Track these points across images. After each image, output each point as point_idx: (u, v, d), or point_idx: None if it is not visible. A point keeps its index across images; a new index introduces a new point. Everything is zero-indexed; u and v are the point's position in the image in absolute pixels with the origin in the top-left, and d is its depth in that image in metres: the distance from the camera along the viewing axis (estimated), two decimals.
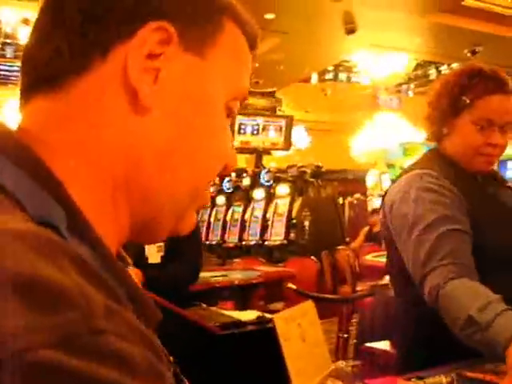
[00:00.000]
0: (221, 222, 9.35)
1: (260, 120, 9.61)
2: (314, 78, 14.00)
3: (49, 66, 0.48)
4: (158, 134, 0.49)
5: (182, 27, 0.49)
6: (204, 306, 2.97)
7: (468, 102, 1.57)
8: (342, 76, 14.65)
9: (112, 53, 0.47)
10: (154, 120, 0.48)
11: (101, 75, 0.47)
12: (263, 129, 9.66)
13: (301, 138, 10.23)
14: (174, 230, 0.55)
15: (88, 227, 0.43)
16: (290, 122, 9.94)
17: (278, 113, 9.90)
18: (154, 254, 2.93)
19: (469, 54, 9.05)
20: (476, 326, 1.31)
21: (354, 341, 4.23)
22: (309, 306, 1.19)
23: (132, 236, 0.52)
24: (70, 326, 0.32)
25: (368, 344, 1.19)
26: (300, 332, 1.12)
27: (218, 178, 0.62)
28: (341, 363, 1.31)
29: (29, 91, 0.49)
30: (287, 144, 9.90)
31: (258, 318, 2.98)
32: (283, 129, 9.77)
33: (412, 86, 15.23)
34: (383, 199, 1.70)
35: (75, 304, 0.33)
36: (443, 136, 1.67)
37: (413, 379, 1.24)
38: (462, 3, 8.02)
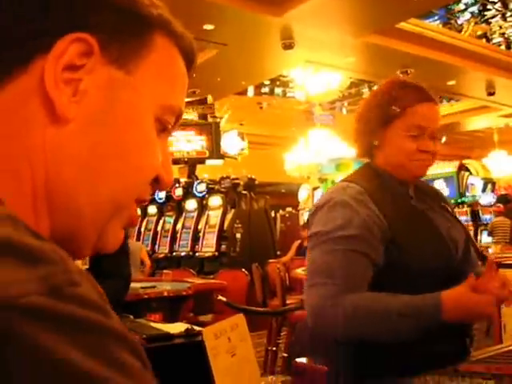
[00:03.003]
0: (151, 233, 9.22)
1: (188, 130, 9.12)
2: (251, 91, 14.08)
3: None
4: (78, 145, 0.49)
5: (105, 40, 0.50)
6: (131, 317, 2.87)
7: (398, 110, 1.62)
8: (278, 91, 14.80)
9: (32, 64, 0.48)
10: (73, 131, 0.49)
11: (22, 86, 0.48)
12: (190, 138, 9.17)
13: (233, 144, 9.55)
14: (97, 247, 0.54)
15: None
16: (217, 128, 9.39)
17: (210, 120, 9.61)
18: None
19: (401, 75, 9.32)
20: (413, 311, 1.38)
21: (284, 354, 4.23)
22: (239, 319, 1.15)
23: None
24: (53, 278, 0.36)
25: (298, 359, 1.17)
26: (230, 346, 1.09)
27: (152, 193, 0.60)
28: (270, 379, 1.27)
29: None
30: (216, 152, 9.29)
31: (187, 330, 2.92)
32: (212, 136, 9.23)
33: (345, 103, 15.56)
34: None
35: (53, 260, 0.37)
36: (374, 149, 1.70)
37: None
38: (396, 26, 8.28)
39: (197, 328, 3.06)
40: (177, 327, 3.09)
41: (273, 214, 9.59)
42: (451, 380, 1.34)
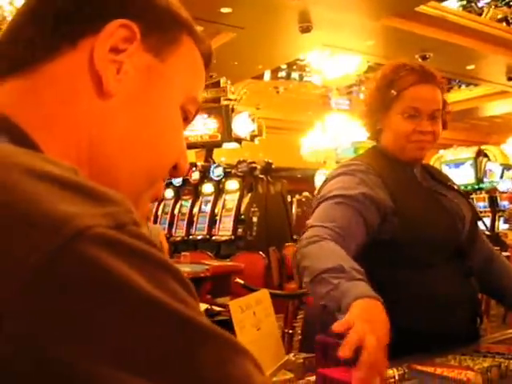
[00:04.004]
0: (168, 216, 9.26)
1: (201, 114, 9.03)
2: (267, 75, 14.02)
3: (23, 54, 0.54)
4: (120, 117, 0.55)
5: (145, 29, 0.56)
6: None
7: (395, 94, 1.64)
8: (295, 75, 14.72)
9: (81, 43, 0.53)
10: (116, 105, 0.54)
11: (70, 61, 0.53)
12: (203, 122, 9.01)
13: (244, 126, 9.23)
14: None
15: None
16: (228, 110, 9.08)
17: (224, 102, 9.50)
18: None
19: (419, 59, 9.23)
20: (342, 274, 1.30)
21: (299, 337, 4.24)
22: (263, 294, 1.17)
23: None
24: (118, 215, 0.38)
25: (321, 335, 1.18)
26: (255, 321, 1.10)
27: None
28: (292, 356, 1.29)
29: (2, 76, 0.54)
30: (228, 135, 9.08)
31: (207, 310, 2.95)
32: (224, 119, 9.02)
33: (363, 88, 15.46)
34: None
35: (117, 201, 0.40)
36: (379, 132, 1.74)
37: None
38: (416, 9, 8.17)
39: (216, 308, 3.09)
40: None
41: (289, 199, 9.55)
42: (472, 359, 1.35)
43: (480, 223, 1.82)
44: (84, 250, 0.35)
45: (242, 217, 7.90)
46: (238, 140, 9.20)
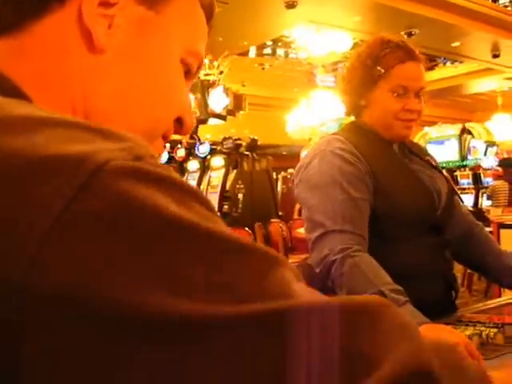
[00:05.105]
0: None
1: None
2: (252, 52, 13.92)
3: (10, 14, 0.52)
4: (114, 72, 0.54)
5: None
6: None
7: (383, 71, 1.64)
8: (280, 52, 14.62)
9: (69, 0, 0.52)
10: (109, 60, 0.53)
11: (59, 19, 0.52)
12: None
13: (218, 101, 8.95)
14: None
15: None
16: (203, 86, 8.95)
17: (202, 78, 9.29)
18: None
19: (405, 36, 9.20)
20: None
21: None
22: None
23: None
24: (135, 149, 0.38)
25: None
26: None
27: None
28: None
29: None
30: (204, 111, 8.86)
31: None
32: (201, 94, 8.83)
33: (345, 69, 15.37)
34: None
35: (130, 138, 0.39)
36: (361, 108, 1.72)
37: None
38: None
39: None
40: None
41: (274, 176, 9.56)
42: (455, 328, 1.37)
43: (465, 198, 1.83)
44: (110, 183, 0.34)
45: (228, 194, 7.90)
46: (220, 116, 9.07)
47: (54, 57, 0.52)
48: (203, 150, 8.60)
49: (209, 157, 8.51)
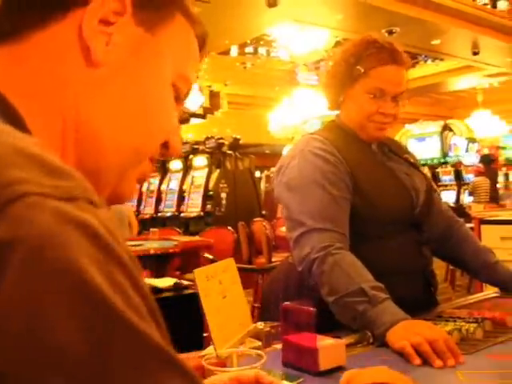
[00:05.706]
0: (136, 193, 9.19)
1: None
2: (234, 50, 13.89)
3: (10, 21, 0.53)
4: (108, 88, 0.55)
5: (137, 4, 0.56)
6: None
7: (362, 71, 1.63)
8: (262, 50, 14.61)
9: (71, 13, 0.53)
10: (104, 76, 0.54)
11: (59, 31, 0.53)
12: None
13: (192, 99, 9.04)
14: (115, 193, 0.58)
15: None
16: None
17: None
18: None
19: (386, 34, 9.25)
20: (365, 298, 1.37)
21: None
22: (229, 263, 1.17)
23: None
24: (71, 190, 0.36)
25: (286, 303, 1.20)
26: (221, 289, 1.10)
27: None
28: (259, 324, 1.30)
29: None
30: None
31: (175, 284, 2.95)
32: None
33: (330, 63, 15.41)
34: None
35: (74, 177, 0.38)
36: (340, 103, 1.73)
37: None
38: None
39: (184, 282, 3.10)
40: (165, 282, 3.12)
41: (258, 175, 9.57)
42: (435, 324, 1.38)
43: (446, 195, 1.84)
44: (21, 214, 0.33)
45: (211, 193, 7.89)
46: (198, 115, 9.06)
47: (50, 66, 0.52)
48: (185, 149, 8.56)
49: (191, 156, 8.49)
